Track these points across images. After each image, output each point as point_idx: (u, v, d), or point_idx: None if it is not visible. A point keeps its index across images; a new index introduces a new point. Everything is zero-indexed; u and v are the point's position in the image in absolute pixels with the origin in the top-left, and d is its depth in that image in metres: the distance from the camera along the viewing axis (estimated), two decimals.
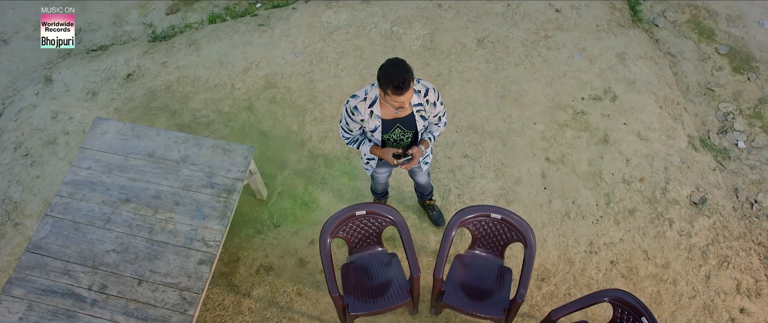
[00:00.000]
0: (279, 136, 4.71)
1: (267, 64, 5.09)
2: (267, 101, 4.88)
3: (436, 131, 3.40)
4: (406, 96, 2.91)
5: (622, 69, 4.97)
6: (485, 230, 3.69)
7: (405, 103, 2.96)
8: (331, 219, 3.60)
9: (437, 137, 3.47)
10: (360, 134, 3.40)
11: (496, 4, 5.41)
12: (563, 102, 4.79)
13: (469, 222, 3.65)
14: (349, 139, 3.39)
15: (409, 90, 2.89)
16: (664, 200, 4.33)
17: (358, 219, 3.67)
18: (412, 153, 3.28)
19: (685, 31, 5.49)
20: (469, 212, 3.62)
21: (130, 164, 3.92)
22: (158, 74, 5.08)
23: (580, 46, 5.10)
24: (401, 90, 2.86)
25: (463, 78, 4.95)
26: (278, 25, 5.37)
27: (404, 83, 2.84)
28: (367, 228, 3.73)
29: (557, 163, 4.51)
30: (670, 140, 4.60)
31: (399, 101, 2.93)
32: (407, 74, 2.84)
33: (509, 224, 3.59)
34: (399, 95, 2.88)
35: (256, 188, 4.33)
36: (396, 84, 2.85)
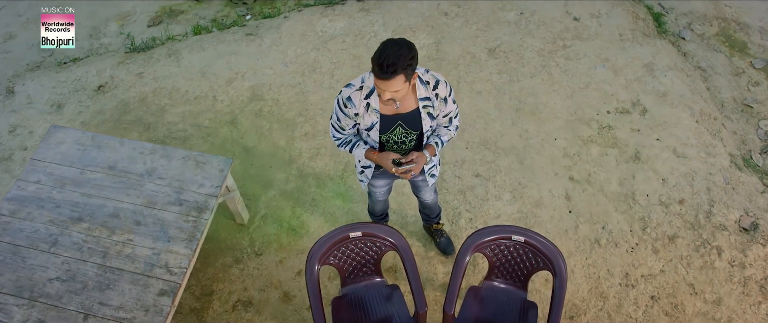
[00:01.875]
0: (264, 152, 4.15)
1: (254, 74, 4.57)
2: (252, 115, 4.34)
3: (446, 136, 2.83)
4: (390, 85, 2.35)
5: (650, 80, 4.44)
6: (505, 257, 3.08)
7: (387, 93, 2.40)
8: (320, 242, 3.00)
9: (446, 143, 2.89)
10: (354, 135, 2.83)
11: (508, 12, 4.92)
12: (587, 116, 4.24)
13: (485, 246, 3.05)
14: (340, 140, 2.81)
15: (395, 80, 2.33)
16: (709, 226, 3.73)
17: (352, 242, 3.07)
18: (414, 159, 2.70)
19: (715, 45, 5.00)
20: (486, 234, 3.02)
21: (87, 177, 3.34)
22: (133, 86, 4.55)
23: (602, 56, 4.58)
24: (382, 73, 2.31)
25: (473, 90, 4.42)
26: (268, 34, 4.87)
27: (389, 66, 2.28)
28: (364, 254, 3.12)
29: (583, 183, 3.93)
30: (710, 158, 4.03)
31: (380, 87, 2.38)
32: (398, 58, 2.28)
33: (534, 248, 2.99)
34: (379, 78, 2.33)
35: (235, 210, 3.73)
36: (378, 63, 2.30)
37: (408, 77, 2.37)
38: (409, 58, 2.31)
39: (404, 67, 2.31)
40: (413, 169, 2.69)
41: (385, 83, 2.34)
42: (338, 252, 3.07)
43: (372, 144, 2.76)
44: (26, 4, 5.51)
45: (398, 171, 2.69)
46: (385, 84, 2.35)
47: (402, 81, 2.35)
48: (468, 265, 3.53)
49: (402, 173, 2.70)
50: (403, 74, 2.33)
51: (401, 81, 2.35)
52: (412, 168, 2.69)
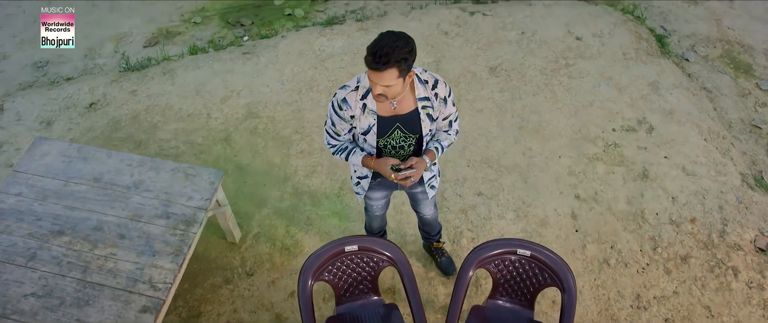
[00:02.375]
0: (258, 170, 4.00)
1: (249, 92, 4.46)
2: (247, 132, 4.21)
3: (446, 141, 2.69)
4: (382, 77, 2.22)
5: (656, 99, 4.33)
6: (510, 273, 2.91)
7: (378, 87, 2.27)
8: (314, 256, 2.83)
9: (447, 149, 2.75)
10: (350, 142, 2.69)
11: (508, 32, 4.85)
12: (592, 134, 4.11)
13: (489, 261, 2.88)
14: (335, 147, 2.67)
15: (387, 73, 2.20)
16: (723, 245, 3.55)
17: (348, 257, 2.89)
18: (414, 164, 2.55)
19: (720, 67, 4.91)
20: (490, 248, 2.85)
21: (71, 189, 3.19)
22: (125, 103, 4.44)
23: (606, 74, 4.49)
24: (374, 63, 2.18)
25: (474, 108, 4.30)
26: (265, 53, 4.79)
27: (382, 57, 2.15)
28: (360, 269, 2.94)
29: (590, 201, 3.77)
30: (721, 177, 3.88)
31: (371, 79, 2.26)
32: (393, 49, 2.16)
33: (541, 263, 2.82)
34: (371, 68, 2.20)
35: (226, 228, 3.57)
36: (372, 52, 2.18)
37: (402, 73, 2.24)
38: (405, 51, 2.18)
39: (398, 59, 2.18)
40: (413, 175, 2.54)
41: (376, 75, 2.22)
42: (333, 268, 2.90)
43: (369, 150, 2.62)
44: (22, 23, 5.45)
45: (397, 177, 2.53)
46: (377, 76, 2.22)
47: (395, 76, 2.22)
48: (471, 283, 3.35)
49: (401, 179, 2.55)
50: (396, 68, 2.20)
51: (394, 75, 2.22)
52: (411, 174, 2.53)
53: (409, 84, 2.43)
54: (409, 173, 2.52)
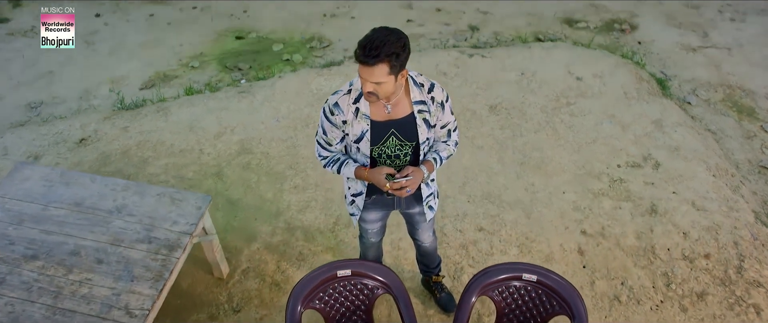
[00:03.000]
0: (250, 205, 3.84)
1: (244, 129, 4.36)
2: (239, 167, 4.07)
3: (445, 152, 2.55)
4: (372, 73, 2.10)
5: (660, 136, 4.22)
6: (515, 301, 2.69)
7: (368, 84, 2.15)
8: (304, 281, 2.63)
9: (446, 161, 2.60)
10: (342, 153, 2.55)
11: (508, 73, 4.81)
12: (596, 169, 3.98)
13: (492, 288, 2.67)
14: (326, 158, 2.52)
15: (378, 68, 2.08)
16: (742, 282, 3.34)
17: (340, 283, 2.69)
18: (410, 173, 2.39)
19: (723, 109, 4.84)
20: (494, 273, 2.65)
21: (49, 214, 3.02)
22: (116, 139, 4.33)
23: (608, 112, 4.40)
24: (364, 56, 2.06)
25: (474, 145, 4.19)
26: (261, 91, 4.73)
27: (372, 50, 2.04)
28: (353, 297, 2.73)
29: (597, 236, 3.58)
30: (733, 213, 3.71)
31: (362, 75, 2.14)
32: (384, 43, 2.05)
33: (548, 289, 2.61)
34: (361, 62, 2.08)
35: (213, 260, 3.36)
36: (362, 45, 2.07)
37: (393, 69, 2.12)
38: (397, 46, 2.08)
39: (389, 54, 2.07)
40: (409, 184, 2.38)
41: (366, 70, 2.10)
42: (325, 295, 2.69)
43: (362, 161, 2.48)
44: (20, 67, 5.43)
45: (392, 187, 2.38)
46: (367, 71, 2.10)
47: (385, 72, 2.11)
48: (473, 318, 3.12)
49: (396, 189, 2.39)
50: (387, 63, 2.08)
51: (384, 72, 2.11)
52: (407, 184, 2.37)
53: (402, 86, 2.32)
54: (405, 183, 2.37)
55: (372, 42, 2.06)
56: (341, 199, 3.83)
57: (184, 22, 6.08)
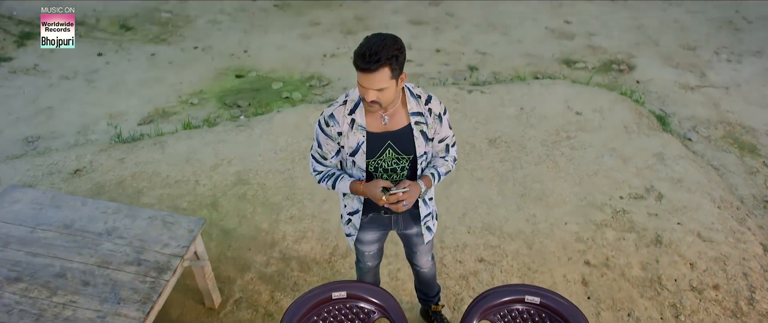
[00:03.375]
0: (244, 235, 3.74)
1: (241, 161, 4.32)
2: (235, 198, 4.00)
3: (443, 167, 2.49)
4: (374, 79, 2.05)
5: (663, 168, 4.17)
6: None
7: (371, 92, 2.10)
8: (298, 303, 2.52)
9: (444, 177, 2.53)
10: (337, 168, 2.49)
11: (507, 108, 4.80)
12: (598, 201, 3.90)
13: (493, 312, 2.55)
14: (321, 174, 2.46)
15: (379, 73, 2.04)
16: (754, 313, 3.21)
17: (335, 305, 2.58)
18: (407, 186, 2.32)
19: (724, 146, 4.81)
20: (495, 296, 2.55)
21: (37, 236, 2.94)
22: (111, 170, 4.28)
23: (609, 146, 4.36)
24: (365, 63, 2.02)
25: (474, 177, 4.13)
26: (259, 125, 4.71)
27: (372, 55, 2.01)
28: (349, 321, 2.61)
29: (601, 267, 3.48)
30: (740, 244, 3.62)
31: (362, 82, 2.09)
32: (382, 47, 2.01)
33: (552, 312, 2.50)
34: (362, 70, 2.04)
35: (204, 288, 3.25)
36: (361, 53, 2.03)
37: (394, 73, 2.09)
38: (394, 48, 2.05)
39: (389, 57, 2.04)
40: (406, 198, 2.30)
41: (368, 78, 2.06)
42: (318, 318, 2.57)
43: (358, 176, 2.41)
44: (20, 103, 5.44)
45: (389, 200, 2.30)
46: (369, 79, 2.07)
47: (387, 77, 2.08)
48: None
49: (393, 203, 2.31)
50: (388, 66, 2.05)
51: (386, 76, 2.07)
52: (403, 197, 2.30)
53: (400, 95, 2.28)
54: (402, 196, 2.30)
55: (370, 48, 2.04)
56: (338, 230, 3.75)
57: (184, 61, 6.13)
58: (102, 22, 6.82)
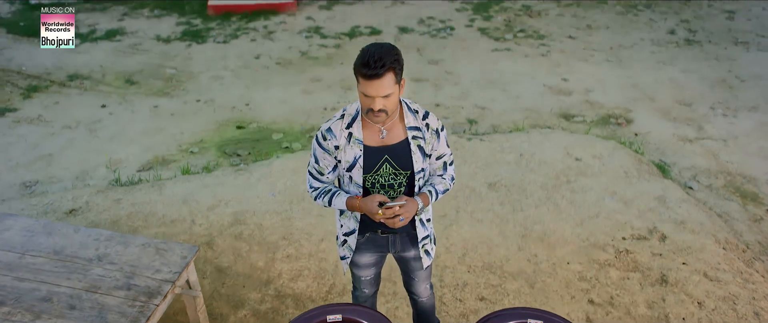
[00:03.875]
0: (239, 272, 3.65)
1: (238, 202, 4.28)
2: (231, 237, 3.93)
3: (440, 185, 2.46)
4: (380, 86, 2.07)
5: (665, 211, 4.12)
6: None
7: (378, 100, 2.11)
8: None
9: (442, 196, 2.49)
10: (334, 185, 2.46)
11: (507, 154, 4.80)
12: (601, 241, 3.83)
13: None
14: (317, 190, 2.42)
15: (385, 79, 2.06)
16: None
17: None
18: (403, 201, 2.27)
19: (725, 195, 4.77)
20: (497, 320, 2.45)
21: (25, 262, 2.86)
22: (107, 210, 4.23)
23: (610, 189, 4.33)
24: (371, 70, 2.03)
25: (473, 218, 4.08)
26: (258, 170, 4.70)
27: (376, 62, 2.03)
28: None
29: (605, 306, 3.36)
30: (749, 284, 3.52)
31: (368, 91, 2.09)
32: (383, 54, 2.05)
33: None
34: (368, 78, 2.06)
35: (195, 321, 3.13)
36: (364, 62, 2.05)
37: (397, 77, 2.11)
38: (394, 53, 2.08)
39: (392, 61, 2.06)
40: (403, 213, 2.26)
41: (375, 85, 2.07)
42: None
43: (355, 192, 2.38)
44: (21, 150, 5.46)
45: (385, 214, 2.25)
46: (376, 86, 2.07)
47: (393, 82, 2.09)
48: None
49: (389, 218, 2.26)
50: (392, 71, 2.08)
51: (392, 81, 2.09)
52: (400, 211, 2.25)
53: (398, 107, 2.29)
54: (398, 210, 2.25)
55: (373, 55, 2.06)
56: (335, 269, 3.66)
57: (186, 113, 6.20)
58: (108, 76, 6.96)
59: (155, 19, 8.53)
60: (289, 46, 7.76)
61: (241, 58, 7.45)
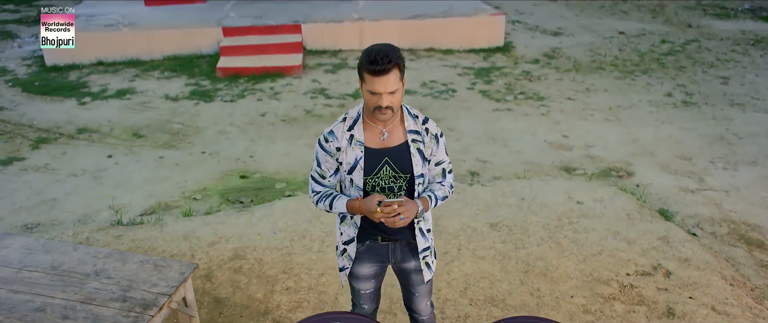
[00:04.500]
0: (237, 303, 3.59)
1: (239, 238, 4.26)
2: (230, 271, 3.89)
3: (440, 192, 2.48)
4: (387, 81, 2.15)
5: (669, 249, 4.08)
6: None
7: (385, 97, 2.18)
8: None
9: (442, 202, 2.50)
10: (336, 190, 2.48)
11: (508, 198, 4.81)
12: (604, 277, 3.78)
13: None
14: (319, 194, 2.44)
15: (392, 74, 2.15)
16: None
17: None
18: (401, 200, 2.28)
19: (730, 241, 4.73)
20: None
21: (21, 276, 2.85)
22: (107, 245, 4.21)
23: (612, 230, 4.31)
24: (378, 66, 2.12)
25: (476, 255, 4.04)
26: (260, 210, 4.71)
27: (383, 58, 2.12)
28: None
29: None
30: (759, 320, 3.43)
31: (376, 88, 2.16)
32: (391, 53, 2.14)
33: None
34: (375, 74, 2.13)
35: None
36: (371, 59, 2.13)
37: (401, 73, 2.19)
38: (397, 51, 2.18)
39: (397, 58, 2.15)
40: (403, 212, 2.26)
41: (382, 81, 2.14)
42: None
43: (356, 195, 2.39)
44: (25, 195, 5.49)
45: (383, 212, 2.25)
46: (383, 82, 2.14)
47: (398, 78, 2.17)
48: None
49: (389, 216, 2.26)
50: (397, 68, 2.16)
51: (397, 78, 2.17)
52: (400, 210, 2.25)
53: (399, 112, 2.35)
54: (398, 209, 2.25)
55: (379, 53, 2.14)
56: (335, 301, 3.60)
57: (191, 164, 6.27)
58: (115, 130, 7.09)
59: (165, 80, 8.78)
60: (294, 105, 7.94)
61: (246, 115, 7.61)
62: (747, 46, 10.51)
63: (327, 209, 2.43)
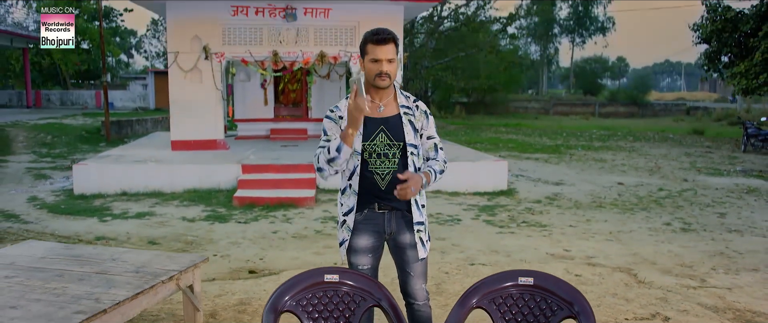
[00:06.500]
0: None
1: (244, 293, 4.38)
2: (235, 311, 3.98)
3: (437, 166, 2.80)
4: (387, 49, 2.62)
5: (667, 305, 4.12)
6: (513, 311, 2.48)
7: (384, 63, 2.63)
8: (289, 283, 2.54)
9: (440, 177, 2.80)
10: None
11: None
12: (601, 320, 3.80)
13: (487, 298, 2.51)
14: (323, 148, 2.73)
15: (390, 45, 2.64)
16: None
17: (326, 289, 2.55)
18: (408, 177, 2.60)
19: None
20: (487, 284, 2.54)
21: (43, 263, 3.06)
22: None
23: (610, 292, 4.38)
24: (380, 36, 2.61)
25: None
26: (268, 277, 4.84)
27: (384, 31, 2.64)
28: (340, 307, 2.54)
29: None
30: None
31: (378, 55, 2.61)
32: (390, 31, 2.66)
33: (547, 292, 2.47)
34: (377, 44, 2.61)
35: None
36: (375, 31, 2.65)
37: (397, 49, 2.66)
38: (395, 32, 2.67)
39: (394, 35, 2.63)
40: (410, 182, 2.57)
41: (383, 48, 2.61)
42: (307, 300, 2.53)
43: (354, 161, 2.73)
44: None
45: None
46: (384, 49, 2.61)
47: (394, 50, 2.64)
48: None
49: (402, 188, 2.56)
50: (394, 43, 2.65)
51: (394, 49, 2.64)
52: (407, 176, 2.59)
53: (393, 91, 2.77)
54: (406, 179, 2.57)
55: (381, 30, 2.66)
56: None
57: None
58: (132, 239, 7.38)
59: (184, 207, 9.24)
60: (304, 227, 8.26)
61: (259, 232, 7.91)
62: (741, 194, 10.94)
63: (328, 157, 2.66)
